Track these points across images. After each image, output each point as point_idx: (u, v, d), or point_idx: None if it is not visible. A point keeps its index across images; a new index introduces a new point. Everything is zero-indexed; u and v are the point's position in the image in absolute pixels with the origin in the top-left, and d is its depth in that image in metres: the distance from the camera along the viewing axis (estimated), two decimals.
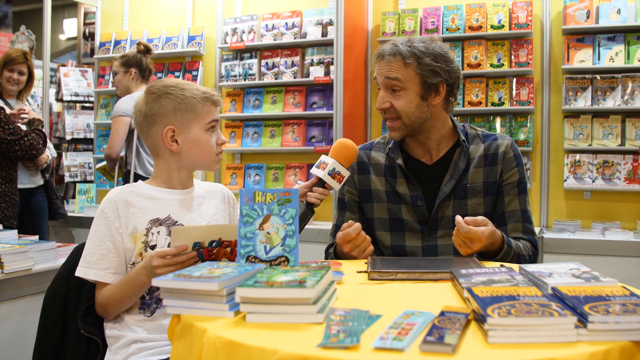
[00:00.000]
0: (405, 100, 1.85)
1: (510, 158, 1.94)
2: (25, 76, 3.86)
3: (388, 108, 1.88)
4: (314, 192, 1.81)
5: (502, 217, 1.93)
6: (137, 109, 1.70)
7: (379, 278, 1.46)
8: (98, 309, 1.63)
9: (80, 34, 6.25)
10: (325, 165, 1.80)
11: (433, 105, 1.89)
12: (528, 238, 1.91)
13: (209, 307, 1.14)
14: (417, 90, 1.85)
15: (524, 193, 1.95)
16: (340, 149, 1.84)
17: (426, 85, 1.85)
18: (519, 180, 1.94)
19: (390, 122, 1.90)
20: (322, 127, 4.35)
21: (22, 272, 2.32)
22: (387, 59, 1.86)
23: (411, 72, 1.84)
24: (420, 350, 0.92)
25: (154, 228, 1.63)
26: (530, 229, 1.94)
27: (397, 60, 1.85)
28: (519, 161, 1.95)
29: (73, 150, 5.28)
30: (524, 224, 1.93)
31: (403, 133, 1.90)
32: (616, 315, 0.97)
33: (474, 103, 4.01)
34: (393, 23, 4.22)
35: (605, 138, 3.76)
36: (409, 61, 1.83)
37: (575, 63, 3.80)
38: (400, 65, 1.84)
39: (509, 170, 1.93)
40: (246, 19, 4.58)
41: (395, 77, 1.84)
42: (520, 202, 1.94)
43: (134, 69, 3.85)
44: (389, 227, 1.97)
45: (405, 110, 1.86)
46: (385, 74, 1.86)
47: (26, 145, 3.37)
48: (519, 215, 1.93)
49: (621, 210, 3.81)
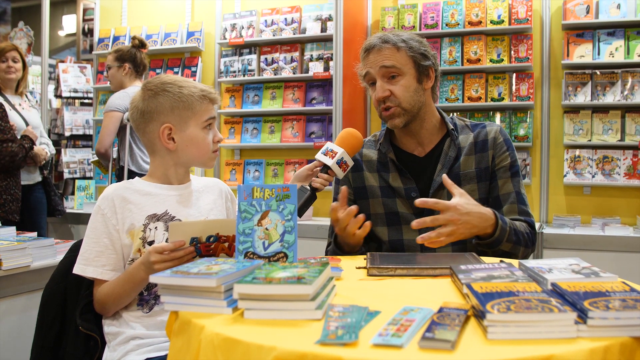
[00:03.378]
0: (404, 85, 1.88)
1: (500, 143, 1.96)
2: (19, 63, 3.84)
3: (388, 96, 1.88)
4: (319, 177, 1.81)
5: (497, 200, 1.94)
6: (133, 105, 1.69)
7: (378, 274, 1.46)
8: (96, 306, 1.62)
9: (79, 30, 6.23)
10: (334, 154, 1.81)
11: (426, 90, 1.93)
12: (524, 219, 1.91)
13: (207, 303, 1.14)
14: (413, 74, 1.89)
15: (517, 176, 1.96)
16: (348, 138, 1.86)
17: (420, 68, 1.90)
18: (511, 164, 1.95)
19: (388, 112, 1.90)
20: (322, 122, 4.34)
21: (20, 268, 2.31)
22: (379, 47, 1.88)
23: (404, 56, 1.88)
24: (419, 347, 0.91)
25: (151, 224, 1.62)
26: (526, 210, 1.93)
27: (389, 48, 1.88)
28: (509, 145, 1.97)
29: (72, 147, 5.26)
30: (519, 205, 1.93)
31: (404, 119, 1.90)
32: (616, 311, 0.96)
33: (473, 98, 4.00)
34: (392, 18, 4.21)
35: (605, 133, 3.76)
36: (401, 45, 1.87)
37: (575, 58, 3.79)
38: (394, 52, 1.87)
39: (500, 154, 1.95)
40: (245, 15, 4.57)
41: (391, 64, 1.87)
42: (514, 185, 1.94)
43: (127, 63, 3.83)
44: (385, 222, 1.97)
45: (405, 95, 1.88)
46: (380, 63, 1.88)
47: (6, 151, 3.36)
48: (513, 197, 1.93)
49: (621, 206, 3.81)
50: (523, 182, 1.99)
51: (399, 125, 1.92)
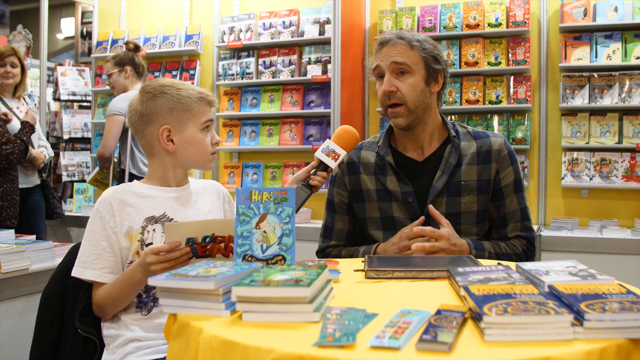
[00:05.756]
0: (412, 83, 1.88)
1: (505, 156, 1.95)
2: (18, 68, 3.83)
3: (394, 92, 1.88)
4: (318, 175, 1.81)
5: (504, 219, 1.95)
6: (132, 108, 1.69)
7: (376, 277, 1.46)
8: (95, 308, 1.63)
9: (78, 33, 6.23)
10: (336, 156, 1.81)
11: (432, 94, 1.93)
12: (525, 235, 1.94)
13: (205, 306, 1.14)
14: (423, 74, 1.90)
15: (521, 190, 1.97)
16: (346, 136, 1.86)
17: (430, 70, 1.90)
18: (515, 179, 1.95)
19: (393, 109, 1.90)
20: (320, 125, 4.34)
21: (19, 271, 2.31)
22: (393, 42, 1.89)
23: (417, 55, 1.89)
24: (417, 349, 0.92)
25: (149, 226, 1.62)
26: (528, 226, 1.96)
27: (403, 44, 1.89)
28: (513, 159, 1.96)
29: (70, 150, 5.26)
30: (522, 222, 1.95)
31: (407, 120, 1.90)
32: (613, 313, 0.97)
33: (471, 101, 4.01)
34: (390, 21, 4.21)
35: (602, 136, 3.76)
36: (415, 44, 1.88)
37: (573, 61, 3.80)
38: (407, 49, 1.88)
39: (505, 169, 1.94)
40: (243, 18, 4.57)
41: (403, 60, 1.88)
42: (519, 202, 1.95)
43: (128, 66, 3.85)
44: (381, 226, 1.97)
45: (412, 94, 1.88)
46: (392, 57, 1.88)
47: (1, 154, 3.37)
48: (518, 215, 1.95)
49: (619, 208, 3.81)
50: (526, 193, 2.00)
51: (401, 124, 1.91)
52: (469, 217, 1.92)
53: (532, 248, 1.94)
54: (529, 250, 1.93)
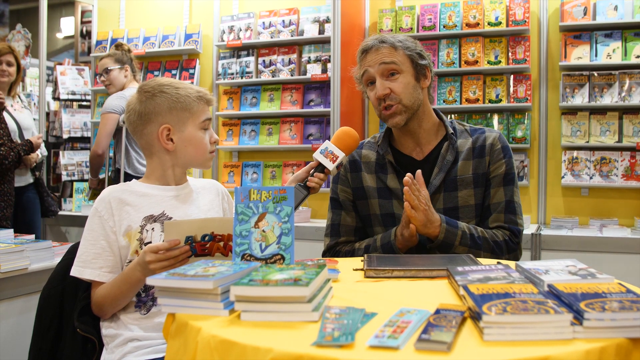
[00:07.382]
0: (403, 82, 1.91)
1: (497, 150, 1.95)
2: (14, 67, 3.83)
3: (388, 94, 1.90)
4: (315, 177, 1.80)
5: (488, 209, 1.95)
6: (130, 107, 1.69)
7: (375, 276, 1.46)
8: (94, 308, 1.62)
9: (77, 33, 6.22)
10: (334, 158, 1.81)
11: (423, 89, 1.96)
12: (508, 227, 1.91)
13: (204, 305, 1.14)
14: (411, 72, 1.93)
15: (511, 184, 1.95)
16: (346, 139, 1.86)
17: (417, 67, 1.94)
18: (506, 172, 1.94)
19: (389, 109, 1.91)
20: (320, 124, 4.34)
21: (18, 271, 2.31)
22: (376, 47, 1.93)
23: (402, 54, 1.92)
24: (416, 349, 0.92)
25: (148, 225, 1.62)
26: (513, 219, 1.92)
27: (386, 47, 1.92)
28: (506, 153, 1.96)
29: (70, 149, 5.26)
30: (505, 214, 1.92)
31: (405, 117, 1.92)
32: (612, 312, 0.97)
33: (471, 100, 4.00)
34: (390, 20, 4.21)
35: (602, 135, 3.76)
36: (398, 44, 1.92)
37: (573, 60, 3.79)
38: (391, 50, 1.92)
39: (496, 162, 1.94)
40: (243, 17, 4.57)
41: (391, 60, 1.90)
42: (505, 194, 1.94)
43: (127, 65, 3.87)
44: (382, 223, 1.98)
45: (405, 91, 1.90)
46: (380, 60, 1.91)
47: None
48: (502, 207, 1.93)
49: (618, 207, 3.81)
50: (518, 189, 1.98)
51: (400, 123, 1.92)
52: (467, 211, 1.92)
53: (516, 240, 1.91)
54: (512, 242, 1.90)
